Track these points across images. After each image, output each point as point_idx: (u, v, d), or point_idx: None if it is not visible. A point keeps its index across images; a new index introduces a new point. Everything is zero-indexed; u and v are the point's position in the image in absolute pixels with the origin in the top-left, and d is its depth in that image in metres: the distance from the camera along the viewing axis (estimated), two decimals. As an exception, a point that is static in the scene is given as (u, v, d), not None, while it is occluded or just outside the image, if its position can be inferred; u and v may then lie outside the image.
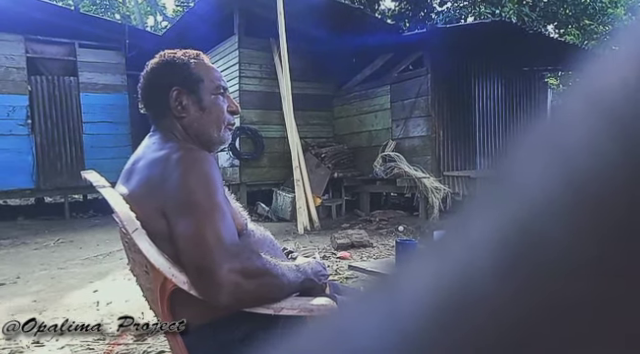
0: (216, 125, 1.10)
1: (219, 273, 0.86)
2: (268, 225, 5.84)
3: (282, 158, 6.49)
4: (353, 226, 5.63)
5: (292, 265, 1.04)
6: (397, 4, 10.66)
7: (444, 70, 5.82)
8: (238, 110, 1.16)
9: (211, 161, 0.98)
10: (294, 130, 5.92)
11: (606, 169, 0.11)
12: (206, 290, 0.89)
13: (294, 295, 1.02)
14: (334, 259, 4.32)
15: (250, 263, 0.91)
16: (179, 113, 1.07)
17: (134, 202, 0.97)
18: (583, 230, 0.11)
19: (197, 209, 0.91)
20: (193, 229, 0.89)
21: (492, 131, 6.28)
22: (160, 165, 0.98)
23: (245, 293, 0.89)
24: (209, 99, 1.09)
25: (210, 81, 1.09)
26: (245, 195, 6.51)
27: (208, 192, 0.93)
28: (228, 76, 6.73)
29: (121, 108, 7.72)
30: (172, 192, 0.93)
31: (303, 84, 6.71)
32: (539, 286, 0.11)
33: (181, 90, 1.06)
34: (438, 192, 5.51)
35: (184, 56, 1.10)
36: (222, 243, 0.88)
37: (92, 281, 3.50)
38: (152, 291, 1.02)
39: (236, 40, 6.55)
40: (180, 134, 1.07)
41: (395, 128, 6.32)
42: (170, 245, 0.93)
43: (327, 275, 1.13)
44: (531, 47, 5.71)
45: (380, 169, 6.07)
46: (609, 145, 0.11)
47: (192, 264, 0.89)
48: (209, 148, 1.10)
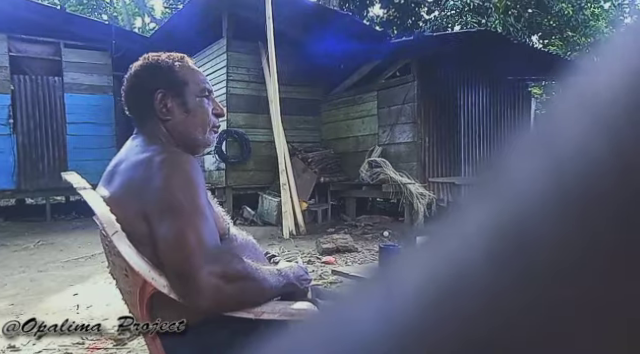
0: (201, 128, 1.09)
1: (199, 277, 0.85)
2: (254, 229, 5.84)
3: (269, 162, 6.48)
4: (339, 231, 5.64)
5: (274, 269, 1.04)
6: (385, 11, 10.77)
7: (430, 78, 5.90)
8: (223, 113, 1.16)
9: (194, 164, 0.98)
10: (281, 134, 5.92)
11: (595, 170, 0.11)
12: (186, 293, 0.88)
13: (275, 299, 1.01)
14: (319, 264, 4.32)
15: (231, 267, 0.90)
16: (164, 116, 1.06)
17: (115, 204, 0.97)
18: (572, 229, 0.11)
19: (179, 212, 0.90)
20: (174, 232, 0.89)
21: (477, 139, 6.37)
22: (142, 167, 0.97)
23: (225, 297, 0.89)
24: (194, 102, 1.08)
25: (195, 84, 1.09)
26: (231, 199, 6.48)
27: (191, 195, 0.92)
28: (216, 79, 6.71)
29: (106, 109, 7.62)
30: (154, 195, 0.93)
31: (291, 88, 6.72)
32: (530, 281, 0.11)
33: (166, 93, 1.06)
34: (423, 198, 5.56)
35: (168, 59, 1.10)
36: (203, 247, 0.88)
37: (72, 284, 3.44)
38: (131, 294, 1.01)
39: (224, 43, 6.54)
40: (164, 137, 1.07)
41: (382, 134, 6.37)
42: (151, 248, 0.92)
43: (309, 280, 1.13)
44: (516, 57, 5.82)
45: (366, 174, 6.11)
46: (599, 147, 0.11)
47: (172, 267, 0.89)
48: (194, 151, 1.10)
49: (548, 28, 8.66)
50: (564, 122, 0.13)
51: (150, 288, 0.94)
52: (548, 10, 8.15)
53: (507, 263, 0.12)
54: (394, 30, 9.57)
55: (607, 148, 0.11)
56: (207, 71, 6.90)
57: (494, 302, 0.12)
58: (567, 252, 0.11)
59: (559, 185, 0.12)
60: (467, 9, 7.63)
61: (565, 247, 0.11)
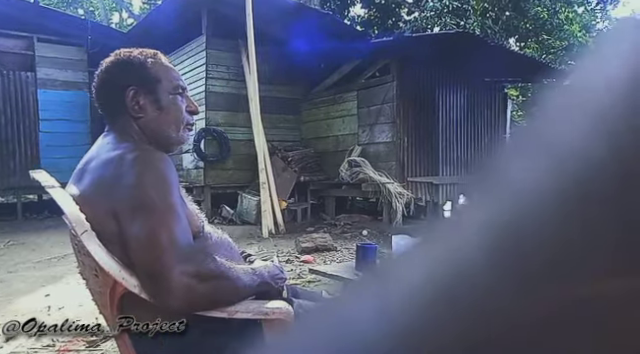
0: (175, 125, 1.09)
1: (171, 276, 0.84)
2: (232, 228, 5.80)
3: (248, 161, 6.44)
4: (318, 230, 5.65)
5: (248, 268, 1.04)
6: (366, 11, 10.83)
7: (410, 78, 5.96)
8: (197, 110, 1.15)
9: (168, 162, 0.97)
10: (261, 133, 5.89)
11: (594, 171, 0.11)
12: (157, 293, 0.87)
13: (250, 298, 1.01)
14: (298, 263, 4.32)
15: (204, 266, 0.90)
16: (136, 113, 1.05)
17: (84, 203, 0.95)
18: (570, 230, 0.11)
19: (151, 210, 0.89)
20: (146, 231, 0.88)
21: (454, 139, 6.47)
22: (113, 165, 0.96)
23: (198, 296, 0.88)
24: (167, 99, 1.07)
25: (168, 81, 1.08)
26: (209, 198, 6.41)
27: (163, 193, 0.91)
28: (195, 77, 6.63)
29: (81, 106, 7.44)
30: (125, 193, 0.91)
31: (271, 87, 6.70)
32: (527, 281, 0.11)
33: (138, 90, 1.05)
34: (401, 197, 5.61)
35: (141, 55, 1.08)
36: (175, 245, 0.87)
37: (44, 285, 3.35)
38: (102, 295, 1.00)
39: (204, 40, 6.46)
40: (137, 134, 1.06)
41: (361, 133, 6.40)
42: (121, 248, 0.91)
43: (284, 278, 1.13)
44: (493, 59, 5.93)
45: (346, 174, 6.13)
46: (598, 148, 0.11)
47: (143, 267, 0.88)
48: (167, 149, 1.09)
49: (524, 31, 8.86)
50: (563, 124, 0.13)
51: (121, 288, 0.93)
52: (525, 13, 8.34)
53: (505, 263, 0.12)
54: (375, 30, 9.63)
55: (606, 150, 0.11)
56: (186, 68, 6.82)
57: (493, 302, 0.12)
58: (565, 253, 0.11)
59: (558, 186, 0.12)
60: (446, 11, 7.74)
61: (563, 248, 0.11)
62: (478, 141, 6.71)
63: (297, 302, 1.10)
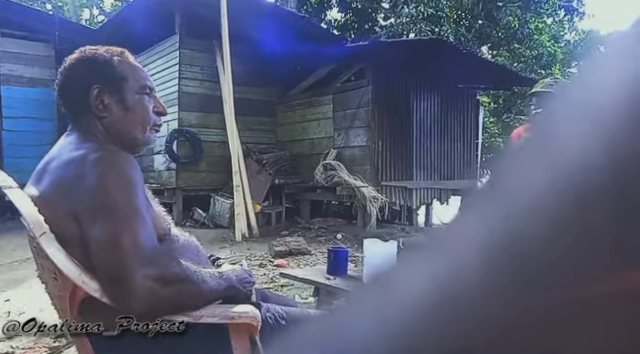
0: (141, 125, 1.07)
1: (133, 279, 0.83)
2: (205, 232, 5.70)
3: (222, 163, 6.36)
4: (292, 233, 5.62)
5: (215, 272, 1.03)
6: (343, 15, 10.90)
7: (385, 83, 6.02)
8: (165, 111, 1.13)
9: (133, 163, 0.95)
10: (235, 135, 5.83)
11: (593, 176, 0.11)
12: (119, 297, 0.86)
13: (216, 303, 1.00)
14: (271, 267, 4.28)
15: (168, 269, 0.88)
16: (100, 112, 1.03)
17: (44, 204, 0.93)
18: (569, 234, 0.11)
19: (114, 212, 0.87)
20: (108, 233, 0.86)
21: (428, 144, 6.57)
22: (75, 165, 0.93)
23: (161, 300, 0.86)
24: (133, 98, 1.05)
25: (135, 80, 1.06)
26: (181, 200, 6.30)
27: (127, 195, 0.89)
28: (167, 76, 6.52)
29: (47, 104, 7.18)
30: (87, 194, 0.89)
31: (245, 89, 6.64)
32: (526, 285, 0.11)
33: (103, 88, 1.02)
34: (376, 201, 5.65)
35: (107, 53, 1.06)
36: (138, 248, 0.85)
37: (4, 290, 3.21)
38: (61, 299, 0.97)
39: (177, 40, 6.36)
40: (101, 134, 1.03)
41: (337, 137, 6.42)
42: (82, 250, 0.89)
43: (253, 282, 1.12)
44: (466, 66, 6.06)
45: (321, 177, 6.13)
46: (596, 151, 0.11)
47: (105, 270, 0.86)
48: (133, 149, 1.07)
49: (496, 39, 9.11)
50: (562, 128, 0.13)
51: (81, 292, 0.91)
52: (497, 22, 8.58)
53: (504, 268, 0.12)
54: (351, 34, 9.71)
55: (605, 155, 0.11)
56: (158, 68, 6.70)
57: (491, 306, 0.12)
58: (563, 257, 0.11)
59: (556, 191, 0.12)
60: (421, 17, 7.87)
61: (561, 253, 0.11)
62: (451, 146, 6.83)
63: (265, 306, 1.10)
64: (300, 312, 1.17)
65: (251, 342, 1.01)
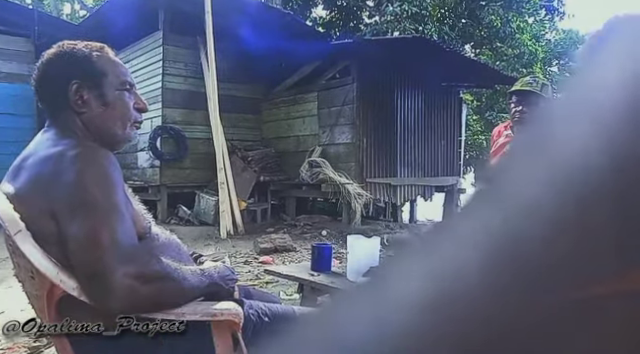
0: (120, 122, 1.06)
1: (112, 278, 0.82)
2: (189, 229, 5.67)
3: (206, 160, 6.32)
4: (278, 230, 5.63)
5: (197, 269, 1.03)
6: (328, 13, 10.90)
7: (369, 80, 6.05)
8: (146, 108, 1.12)
9: (112, 160, 0.94)
10: (220, 131, 5.80)
11: (593, 176, 0.11)
12: (97, 296, 0.85)
13: (198, 300, 1.00)
14: (256, 264, 4.28)
15: (148, 267, 0.88)
16: (79, 108, 1.01)
17: (19, 201, 0.92)
18: (568, 234, 0.11)
19: (92, 209, 0.87)
20: (86, 230, 0.85)
21: (412, 141, 6.62)
22: (53, 162, 0.92)
23: (141, 298, 0.86)
24: (113, 94, 1.04)
25: (115, 76, 1.05)
26: (165, 197, 6.24)
27: (106, 192, 0.89)
28: (151, 73, 6.44)
29: (27, 100, 7.01)
30: (65, 191, 0.88)
31: (230, 86, 6.60)
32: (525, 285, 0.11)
33: (82, 84, 1.01)
34: (360, 198, 5.69)
35: (86, 48, 1.05)
36: (117, 246, 0.84)
37: (-18, 290, 3.14)
38: (39, 298, 0.96)
39: (160, 36, 6.29)
40: (80, 130, 1.02)
41: (322, 134, 6.43)
42: (59, 248, 0.89)
43: (235, 279, 1.12)
44: (449, 64, 6.13)
45: (306, 174, 6.14)
46: (595, 150, 0.11)
47: (83, 268, 0.86)
48: (112, 146, 1.06)
49: (479, 38, 9.22)
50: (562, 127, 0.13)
51: (59, 291, 0.90)
52: (479, 21, 8.68)
53: (503, 267, 0.12)
54: (336, 32, 9.71)
55: (605, 154, 0.11)
56: (141, 64, 6.62)
57: (491, 306, 0.12)
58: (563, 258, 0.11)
59: (555, 190, 0.12)
60: (405, 16, 7.92)
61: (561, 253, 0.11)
62: (434, 143, 6.90)
63: (248, 303, 1.10)
64: (283, 309, 1.17)
65: (233, 339, 1.01)
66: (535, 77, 2.62)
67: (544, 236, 0.11)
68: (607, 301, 0.10)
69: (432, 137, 6.85)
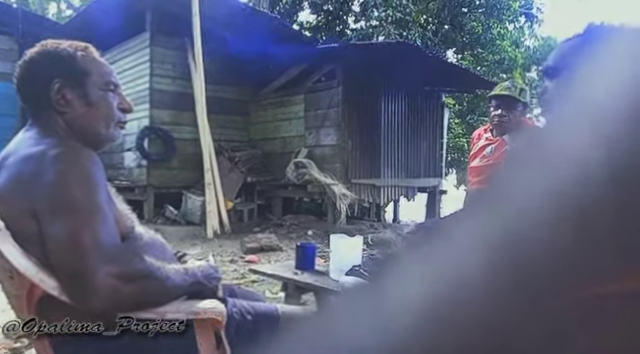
0: (104, 122, 1.04)
1: (94, 277, 0.81)
2: (176, 229, 5.70)
3: (194, 161, 6.34)
4: (264, 230, 5.69)
5: (180, 268, 1.01)
6: (315, 17, 10.99)
7: (354, 84, 6.16)
8: (130, 108, 1.10)
9: (94, 160, 0.93)
10: (207, 132, 5.84)
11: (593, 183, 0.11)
12: (79, 295, 0.84)
13: (182, 299, 0.99)
14: (242, 263, 4.34)
15: (130, 266, 0.88)
16: (61, 108, 1.00)
17: (0, 201, 0.91)
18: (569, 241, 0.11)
19: (74, 209, 0.86)
20: (68, 230, 0.84)
21: (395, 143, 6.76)
22: (34, 161, 0.91)
23: (123, 298, 0.85)
24: (97, 94, 1.03)
25: (99, 76, 1.04)
26: (152, 198, 6.25)
27: (88, 192, 0.88)
28: (138, 73, 6.45)
29: (10, 99, 6.85)
30: (46, 190, 0.87)
31: (217, 87, 6.65)
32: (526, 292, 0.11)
33: (64, 83, 1.00)
34: (345, 198, 5.79)
35: (70, 47, 1.03)
36: (99, 245, 0.84)
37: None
38: (18, 298, 0.94)
39: (148, 37, 6.30)
40: (62, 130, 1.00)
41: (308, 136, 6.53)
42: (40, 248, 0.87)
43: (219, 278, 1.11)
44: (431, 69, 6.28)
45: (292, 175, 6.22)
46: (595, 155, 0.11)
47: (64, 267, 0.84)
48: (95, 146, 1.04)
49: (461, 44, 9.40)
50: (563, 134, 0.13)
51: (38, 291, 0.88)
52: (462, 27, 8.86)
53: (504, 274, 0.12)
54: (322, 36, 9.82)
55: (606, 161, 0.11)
56: (128, 65, 6.61)
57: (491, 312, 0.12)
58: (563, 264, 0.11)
59: (556, 197, 0.12)
60: (390, 21, 8.07)
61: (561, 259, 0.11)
62: (417, 145, 7.06)
63: (231, 301, 1.09)
64: (266, 307, 1.16)
65: (217, 338, 1.00)
66: (514, 82, 2.66)
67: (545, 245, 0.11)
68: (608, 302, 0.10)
69: (415, 139, 6.99)
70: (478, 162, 2.47)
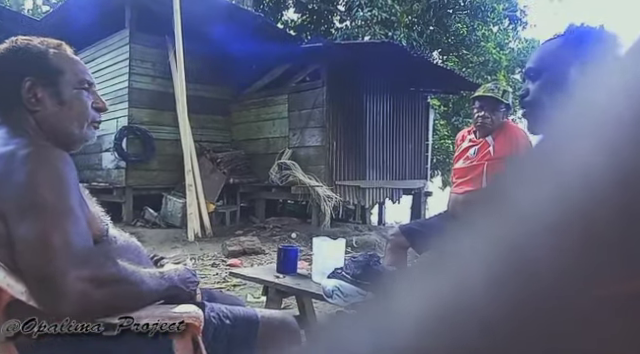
0: (77, 121, 1.03)
1: (64, 281, 0.80)
2: (156, 232, 5.56)
3: (174, 161, 6.21)
4: (247, 233, 5.59)
5: (156, 272, 1.01)
6: (300, 16, 10.93)
7: (339, 84, 6.11)
8: (105, 107, 1.09)
9: (66, 160, 0.92)
10: (188, 133, 5.72)
11: (597, 188, 0.11)
12: (48, 300, 0.82)
13: (158, 303, 0.99)
14: (224, 266, 4.24)
15: (102, 270, 0.86)
16: (33, 106, 0.98)
17: None
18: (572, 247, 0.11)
19: (43, 211, 0.84)
20: (37, 232, 0.82)
21: (380, 144, 6.73)
22: (3, 162, 0.89)
23: (94, 302, 0.84)
24: (70, 93, 1.02)
25: (73, 74, 1.03)
26: (131, 199, 6.10)
27: (59, 193, 0.87)
28: (117, 72, 6.29)
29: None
30: (15, 192, 0.86)
31: (199, 86, 6.52)
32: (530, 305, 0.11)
33: (36, 81, 0.98)
34: (330, 200, 5.72)
35: (41, 44, 1.02)
36: (70, 248, 0.82)
37: None
38: None
39: (127, 34, 6.15)
40: (32, 129, 0.99)
41: (292, 137, 6.44)
42: (7, 251, 0.86)
43: (196, 282, 1.11)
44: (416, 69, 6.26)
45: (276, 176, 6.14)
46: (599, 164, 0.11)
47: (33, 271, 0.83)
48: (68, 146, 1.03)
49: (446, 45, 9.47)
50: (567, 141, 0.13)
51: (6, 296, 0.86)
52: (447, 29, 8.92)
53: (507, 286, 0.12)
54: (307, 36, 9.75)
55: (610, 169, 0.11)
56: (107, 63, 6.46)
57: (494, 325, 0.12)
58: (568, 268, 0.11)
59: (562, 208, 0.11)
60: (375, 21, 8.04)
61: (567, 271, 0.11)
62: (402, 147, 7.03)
63: (209, 305, 1.09)
64: (245, 311, 1.16)
65: (194, 343, 0.99)
66: (497, 83, 2.71)
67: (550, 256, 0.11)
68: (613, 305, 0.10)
69: (400, 141, 6.97)
70: (462, 163, 2.49)
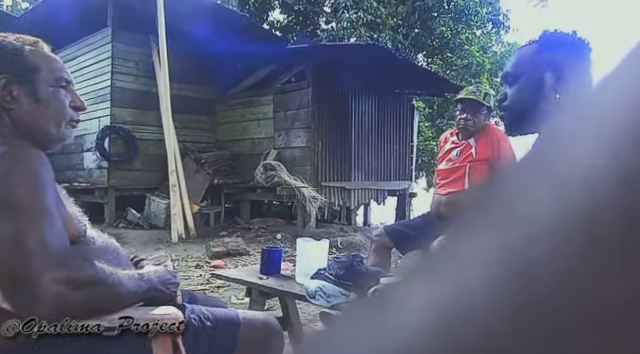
0: (54, 120, 1.01)
1: (39, 283, 0.78)
2: (139, 233, 5.48)
3: (158, 162, 6.14)
4: (231, 234, 5.56)
5: (135, 274, 1.00)
6: (286, 17, 10.92)
7: (324, 85, 6.11)
8: (83, 106, 1.08)
9: (42, 160, 0.91)
10: (172, 133, 5.66)
11: (599, 190, 0.11)
12: (22, 302, 0.81)
13: (136, 305, 0.98)
14: (207, 268, 4.21)
15: (79, 272, 0.85)
16: (8, 105, 0.97)
17: None
18: (574, 251, 0.11)
19: (18, 211, 0.82)
20: (10, 233, 0.81)
21: (366, 146, 6.75)
22: None
23: (70, 305, 0.83)
24: (47, 91, 1.00)
25: (50, 72, 1.01)
26: (113, 200, 6.01)
27: (34, 192, 0.85)
28: (99, 70, 6.20)
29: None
30: None
31: (183, 86, 6.46)
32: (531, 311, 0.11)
33: (11, 79, 0.97)
34: (315, 201, 5.72)
35: (17, 41, 1.00)
36: (45, 249, 0.81)
37: None
38: None
39: (109, 33, 6.07)
40: (8, 128, 0.97)
41: (277, 137, 6.43)
42: None
43: (176, 283, 1.10)
44: (401, 72, 6.31)
45: (261, 177, 6.11)
46: (602, 166, 0.11)
47: (6, 273, 0.81)
48: (45, 146, 1.01)
49: (431, 48, 9.56)
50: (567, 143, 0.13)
51: None
52: (431, 32, 9.00)
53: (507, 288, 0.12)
54: (293, 36, 9.75)
55: (613, 172, 0.11)
56: (88, 61, 6.36)
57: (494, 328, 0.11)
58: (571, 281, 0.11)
59: (562, 210, 0.11)
60: (361, 23, 8.08)
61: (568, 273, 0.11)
62: (387, 148, 7.07)
63: (190, 307, 1.09)
64: (226, 313, 1.15)
65: (174, 344, 0.99)
66: (479, 86, 2.76)
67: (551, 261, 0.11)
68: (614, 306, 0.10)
69: (385, 142, 7.01)
70: (445, 165, 2.52)
